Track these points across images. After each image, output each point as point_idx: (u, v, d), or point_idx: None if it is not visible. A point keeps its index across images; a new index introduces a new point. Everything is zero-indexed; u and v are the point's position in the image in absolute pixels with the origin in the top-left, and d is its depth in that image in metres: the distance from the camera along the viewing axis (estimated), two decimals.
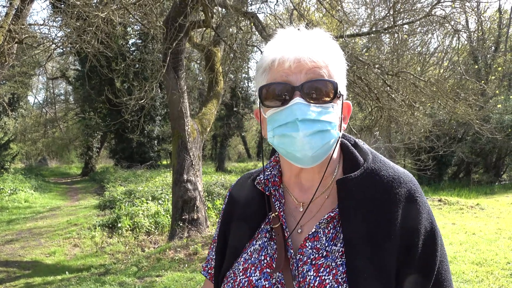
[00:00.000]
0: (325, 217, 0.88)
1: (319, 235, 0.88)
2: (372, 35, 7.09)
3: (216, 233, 1.07)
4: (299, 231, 0.92)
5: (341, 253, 0.84)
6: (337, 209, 0.88)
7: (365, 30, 7.49)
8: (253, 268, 0.90)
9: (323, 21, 7.75)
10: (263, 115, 0.91)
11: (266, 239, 0.93)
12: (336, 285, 0.81)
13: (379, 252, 0.81)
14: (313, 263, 0.85)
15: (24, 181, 15.28)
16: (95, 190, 15.51)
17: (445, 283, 0.87)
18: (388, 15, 6.74)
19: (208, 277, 1.10)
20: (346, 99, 0.92)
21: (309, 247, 0.87)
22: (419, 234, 0.84)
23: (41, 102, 33.11)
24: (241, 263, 0.93)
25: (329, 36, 0.90)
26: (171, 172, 7.67)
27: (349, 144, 0.97)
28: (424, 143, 8.38)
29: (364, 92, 6.97)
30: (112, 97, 7.16)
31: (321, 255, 0.86)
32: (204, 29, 8.36)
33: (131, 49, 18.00)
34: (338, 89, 0.86)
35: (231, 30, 7.29)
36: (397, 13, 6.48)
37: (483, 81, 10.82)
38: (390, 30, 6.65)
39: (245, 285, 0.88)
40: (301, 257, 0.87)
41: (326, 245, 0.86)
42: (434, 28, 7.78)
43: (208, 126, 7.85)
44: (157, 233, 7.85)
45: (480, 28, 14.39)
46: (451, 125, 13.71)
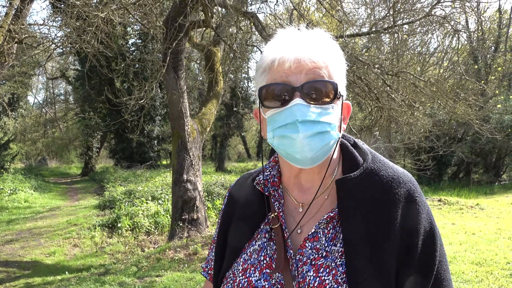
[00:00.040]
0: (324, 217, 0.88)
1: (319, 235, 0.87)
2: (372, 35, 7.09)
3: (216, 234, 1.06)
4: (299, 231, 0.92)
5: (340, 253, 0.84)
6: (336, 209, 0.88)
7: (365, 30, 7.50)
8: (252, 269, 0.90)
9: (323, 21, 7.75)
10: (262, 115, 0.90)
11: (266, 239, 0.93)
12: (336, 286, 0.81)
13: (378, 252, 0.81)
14: (313, 263, 0.85)
15: (24, 181, 15.28)
16: (95, 190, 15.51)
17: (444, 282, 0.87)
18: (388, 15, 6.74)
19: (208, 277, 1.10)
20: (345, 99, 0.92)
21: (309, 247, 0.87)
22: (418, 234, 0.84)
23: (41, 102, 33.16)
24: (241, 263, 0.93)
25: (329, 36, 0.89)
26: (171, 172, 7.68)
27: (348, 144, 0.97)
28: (424, 143, 8.38)
29: (364, 92, 6.97)
30: (112, 97, 7.16)
31: (320, 255, 0.86)
32: (204, 29, 8.36)
33: (131, 49, 18.00)
34: (338, 90, 0.85)
35: (231, 30, 7.29)
36: (397, 13, 6.48)
37: (483, 81, 10.82)
38: (390, 30, 6.65)
39: (245, 285, 0.88)
40: (301, 257, 0.87)
41: (326, 245, 0.86)
42: (434, 28, 7.78)
43: (208, 126, 7.85)
44: (157, 233, 7.85)
45: (480, 28, 14.39)
46: (451, 125, 13.71)
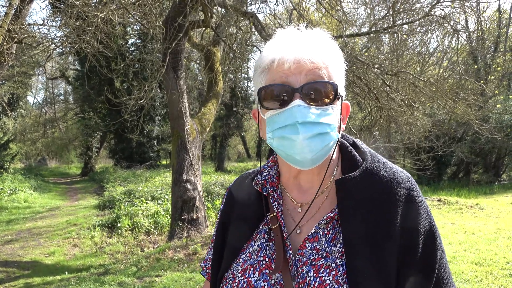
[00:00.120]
0: (324, 217, 0.87)
1: (319, 235, 0.87)
2: (372, 35, 7.09)
3: (215, 233, 1.06)
4: (298, 231, 0.91)
5: (341, 253, 0.84)
6: (336, 209, 0.88)
7: (365, 30, 7.50)
8: (252, 269, 0.90)
9: (323, 21, 7.76)
10: (261, 116, 0.90)
11: (265, 240, 0.93)
12: (336, 286, 0.81)
13: (378, 252, 0.81)
14: (313, 264, 0.85)
15: (24, 181, 15.27)
16: (94, 190, 15.51)
17: (445, 280, 0.88)
18: (387, 15, 6.74)
19: (206, 276, 1.10)
20: (345, 99, 0.92)
21: (309, 247, 0.87)
22: (419, 234, 0.84)
23: (40, 102, 33.16)
24: (240, 264, 0.93)
25: (329, 36, 0.89)
26: (171, 172, 7.67)
27: (347, 144, 0.96)
28: (424, 143, 8.36)
29: (363, 92, 6.97)
30: (112, 97, 7.15)
31: (321, 255, 0.85)
32: (204, 29, 8.36)
33: (130, 49, 18.01)
34: (338, 90, 0.85)
35: (230, 30, 7.29)
36: (396, 13, 6.48)
37: (482, 81, 10.80)
38: (389, 30, 6.65)
39: (244, 286, 0.88)
40: (301, 257, 0.87)
41: (326, 245, 0.86)
42: (433, 28, 7.78)
43: (207, 126, 7.85)
44: (156, 233, 7.84)
45: (479, 28, 14.40)
46: (451, 125, 13.71)
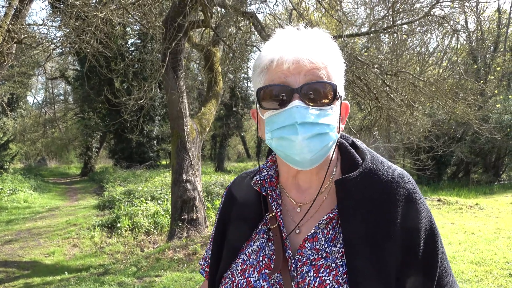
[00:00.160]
0: (324, 217, 0.87)
1: (318, 235, 0.87)
2: (371, 35, 7.09)
3: (213, 232, 1.06)
4: (297, 231, 0.91)
5: (341, 254, 0.84)
6: (336, 209, 0.88)
7: (364, 30, 7.51)
8: (251, 269, 0.90)
9: (322, 21, 7.76)
10: (260, 116, 0.89)
11: (264, 240, 0.93)
12: (336, 286, 0.81)
13: (378, 252, 0.81)
14: (313, 263, 0.85)
15: (23, 181, 15.27)
16: (94, 190, 15.50)
17: (446, 278, 0.88)
18: (387, 15, 6.74)
19: (205, 275, 1.10)
20: (344, 99, 0.92)
21: (308, 247, 0.87)
22: (419, 234, 0.84)
23: (40, 102, 33.18)
24: (239, 264, 0.93)
25: (328, 36, 0.89)
26: (170, 172, 7.67)
27: (346, 144, 0.96)
28: (423, 143, 8.37)
29: (363, 92, 6.97)
30: (111, 97, 7.14)
31: (320, 256, 0.85)
32: (203, 29, 8.36)
33: (130, 49, 18.00)
34: (337, 91, 0.85)
35: (230, 30, 7.29)
36: (396, 13, 6.49)
37: (482, 81, 10.80)
38: (389, 30, 6.65)
39: (244, 286, 0.88)
40: (300, 257, 0.87)
41: (326, 246, 0.86)
42: (433, 28, 7.78)
43: (207, 126, 7.85)
44: (156, 233, 7.84)
45: (479, 28, 14.40)
46: (450, 125, 13.71)
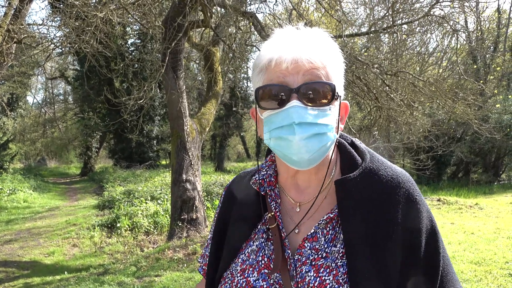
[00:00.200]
0: (324, 218, 0.87)
1: (318, 235, 0.87)
2: (371, 35, 7.09)
3: (212, 231, 1.06)
4: (296, 231, 0.91)
5: (341, 254, 0.84)
6: (336, 209, 0.87)
7: (364, 30, 7.51)
8: (251, 269, 0.90)
9: (322, 21, 7.76)
10: (259, 115, 0.89)
11: (263, 239, 0.93)
12: (337, 286, 0.81)
13: (379, 252, 0.81)
14: (313, 263, 0.85)
15: (23, 181, 15.27)
16: (94, 190, 15.50)
17: (448, 276, 0.89)
18: (387, 15, 6.74)
19: (202, 272, 1.10)
20: (344, 99, 0.91)
21: (308, 247, 0.87)
22: (421, 234, 0.84)
23: (40, 102, 33.20)
24: (239, 264, 0.93)
25: (328, 35, 0.88)
26: (170, 172, 7.67)
27: (346, 143, 0.96)
28: (423, 142, 8.36)
29: (363, 92, 6.97)
30: (111, 97, 7.15)
31: (320, 255, 0.85)
32: (203, 29, 8.36)
33: (130, 49, 18.00)
34: (336, 91, 0.84)
35: (230, 30, 7.28)
36: (396, 13, 6.49)
37: (481, 81, 10.80)
38: (389, 30, 6.65)
39: (243, 285, 0.88)
40: (300, 257, 0.86)
41: (326, 246, 0.86)
42: (433, 28, 7.79)
43: (207, 126, 7.85)
44: (156, 233, 7.84)
45: (479, 28, 14.40)
46: (450, 125, 13.71)
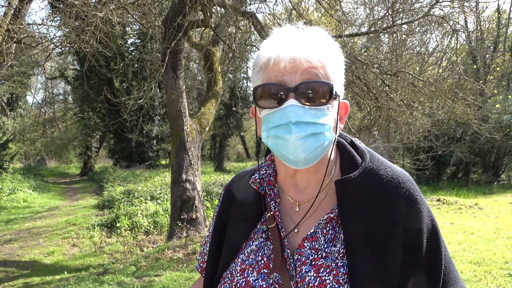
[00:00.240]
0: (324, 217, 0.87)
1: (317, 235, 0.87)
2: (371, 35, 7.09)
3: (211, 230, 1.06)
4: (296, 231, 0.91)
5: (342, 254, 0.84)
6: (336, 210, 0.87)
7: (364, 30, 7.51)
8: (250, 269, 0.90)
9: (322, 21, 7.76)
10: (258, 114, 0.89)
11: (263, 239, 0.92)
12: (337, 286, 0.80)
13: (379, 252, 0.81)
14: (313, 263, 0.84)
15: (23, 181, 15.27)
16: (94, 190, 15.50)
17: (450, 274, 0.89)
18: (386, 14, 6.74)
19: (200, 270, 1.11)
20: (344, 98, 0.91)
21: (308, 247, 0.86)
22: (422, 234, 0.84)
23: (39, 102, 33.18)
24: (238, 264, 0.92)
25: (327, 34, 0.88)
26: (170, 172, 7.67)
27: (346, 143, 0.96)
28: (423, 142, 8.36)
29: (363, 92, 6.97)
30: (111, 96, 7.14)
31: (320, 255, 0.85)
32: (203, 28, 8.36)
33: (130, 49, 17.99)
34: (333, 90, 0.84)
35: (229, 29, 7.28)
36: (395, 13, 6.49)
37: (481, 81, 10.80)
38: (388, 30, 6.65)
39: (243, 285, 0.88)
40: (299, 257, 0.86)
41: (325, 246, 0.86)
42: (432, 28, 7.79)
43: (207, 125, 7.85)
44: (155, 232, 7.84)
45: (478, 28, 14.41)
46: (450, 125, 13.72)
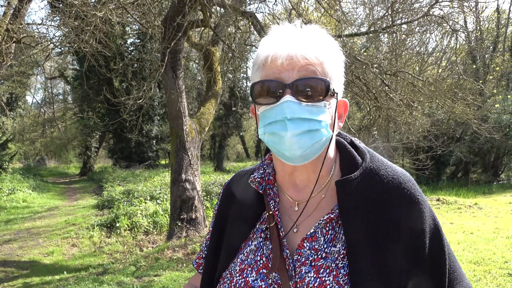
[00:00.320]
0: (324, 217, 0.86)
1: (317, 235, 0.86)
2: (371, 34, 7.10)
3: (211, 229, 1.06)
4: (295, 230, 0.91)
5: (342, 255, 0.83)
6: (336, 210, 0.87)
7: (364, 29, 7.51)
8: (249, 269, 0.89)
9: (322, 20, 7.76)
10: (256, 111, 0.89)
11: (262, 239, 0.92)
12: (337, 287, 0.80)
13: (379, 252, 0.80)
14: (313, 264, 0.84)
15: (22, 181, 15.26)
16: (93, 190, 15.49)
17: (456, 273, 0.90)
18: (386, 14, 6.74)
19: (195, 266, 1.10)
20: (343, 98, 0.91)
21: (307, 247, 0.86)
22: (425, 234, 0.84)
23: (39, 101, 33.16)
24: (238, 264, 0.92)
25: (325, 32, 0.88)
26: (170, 171, 7.67)
27: (346, 143, 0.96)
28: (423, 142, 8.36)
29: (362, 92, 6.97)
30: (111, 96, 7.13)
31: (320, 256, 0.85)
32: (203, 28, 8.36)
33: (129, 49, 17.97)
34: (330, 87, 0.84)
35: (229, 29, 7.28)
36: (395, 12, 6.49)
37: (481, 81, 10.82)
38: (388, 30, 6.65)
39: (242, 285, 0.88)
40: (299, 257, 0.86)
41: (325, 246, 0.85)
42: (432, 28, 7.80)
43: (206, 125, 7.85)
44: (155, 232, 7.84)
45: (478, 28, 14.42)
46: (449, 124, 13.71)
